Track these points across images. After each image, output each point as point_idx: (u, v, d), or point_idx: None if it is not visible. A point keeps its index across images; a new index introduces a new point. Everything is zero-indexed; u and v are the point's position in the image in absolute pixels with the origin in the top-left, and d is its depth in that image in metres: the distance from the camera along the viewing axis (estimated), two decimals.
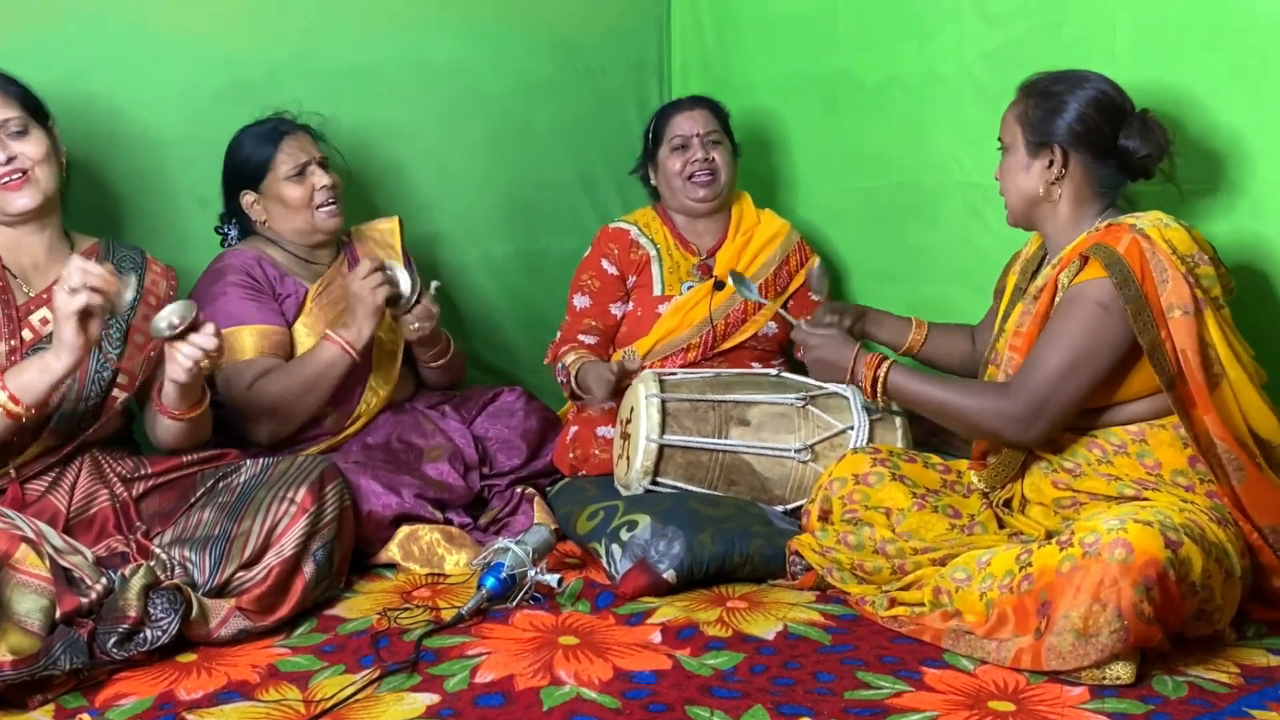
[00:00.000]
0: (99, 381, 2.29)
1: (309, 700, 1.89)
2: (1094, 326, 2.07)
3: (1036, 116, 2.20)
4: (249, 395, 2.59)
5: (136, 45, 2.85)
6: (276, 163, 2.74)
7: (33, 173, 2.28)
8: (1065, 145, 2.18)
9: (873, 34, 3.04)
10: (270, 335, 2.66)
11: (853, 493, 2.34)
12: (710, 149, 2.97)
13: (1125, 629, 1.84)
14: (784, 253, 3.03)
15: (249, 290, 2.67)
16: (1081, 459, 2.17)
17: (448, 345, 2.93)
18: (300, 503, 2.22)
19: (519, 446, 2.85)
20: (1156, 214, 2.13)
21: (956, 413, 2.23)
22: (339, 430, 2.74)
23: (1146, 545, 1.85)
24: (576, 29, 3.45)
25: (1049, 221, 2.25)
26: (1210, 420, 2.01)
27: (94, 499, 2.27)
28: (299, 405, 2.63)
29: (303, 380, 2.61)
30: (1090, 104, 2.17)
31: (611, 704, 1.85)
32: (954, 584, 2.05)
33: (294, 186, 2.73)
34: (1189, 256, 2.07)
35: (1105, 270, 2.06)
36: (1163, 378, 2.04)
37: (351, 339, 2.62)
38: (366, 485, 2.51)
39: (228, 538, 2.18)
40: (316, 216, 2.76)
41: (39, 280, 2.32)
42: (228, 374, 2.61)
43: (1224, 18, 2.30)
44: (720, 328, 2.92)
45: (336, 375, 2.63)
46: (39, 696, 1.89)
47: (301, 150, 2.75)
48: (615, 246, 3.00)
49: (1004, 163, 2.27)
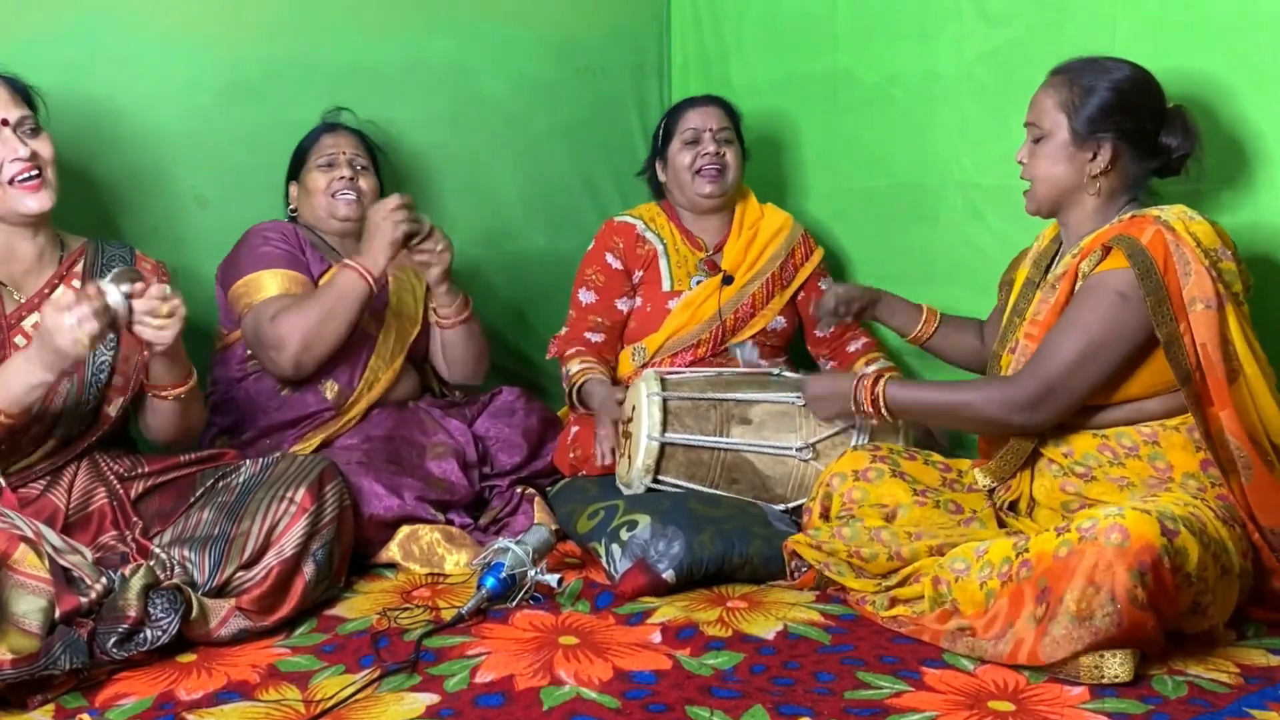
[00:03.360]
0: (95, 385, 2.29)
1: (309, 700, 1.88)
2: (1111, 316, 2.06)
3: (1088, 107, 2.16)
4: (272, 326, 2.64)
5: (136, 45, 2.85)
6: (312, 153, 2.88)
7: (46, 173, 2.28)
8: (1115, 140, 2.16)
9: (873, 34, 3.05)
10: (295, 280, 2.73)
11: (852, 489, 2.34)
12: (721, 145, 2.97)
13: (1119, 613, 1.84)
14: (789, 246, 3.04)
15: (279, 243, 2.77)
16: (1093, 461, 2.16)
17: (466, 301, 2.90)
18: (300, 503, 2.22)
19: (520, 445, 2.85)
20: (1181, 207, 2.12)
21: (962, 409, 2.23)
22: (341, 407, 2.74)
23: (1142, 531, 1.85)
24: (576, 29, 3.45)
25: (1075, 211, 2.22)
26: (1226, 416, 2.01)
27: (92, 497, 2.27)
28: (321, 331, 2.64)
29: (322, 306, 2.64)
30: (1141, 98, 2.16)
31: (611, 704, 1.85)
32: (953, 574, 2.05)
33: (319, 175, 2.86)
34: (1213, 250, 2.06)
35: (1128, 260, 2.05)
36: (1178, 372, 2.03)
37: (368, 265, 2.65)
38: (369, 487, 2.51)
39: (227, 538, 2.18)
40: (333, 203, 2.84)
41: (30, 284, 2.32)
42: (253, 313, 2.68)
43: (1224, 17, 2.30)
44: (729, 322, 2.93)
45: (356, 300, 2.65)
46: (39, 696, 1.88)
47: (337, 145, 2.88)
48: (621, 240, 3.00)
49: (1038, 149, 2.22)
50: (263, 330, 2.65)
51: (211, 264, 2.83)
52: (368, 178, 2.89)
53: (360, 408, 2.77)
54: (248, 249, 2.75)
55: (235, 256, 2.77)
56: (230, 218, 2.94)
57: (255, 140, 3.00)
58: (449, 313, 2.88)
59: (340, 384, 2.75)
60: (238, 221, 2.93)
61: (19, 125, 2.25)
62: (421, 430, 2.77)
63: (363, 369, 2.78)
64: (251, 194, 3.00)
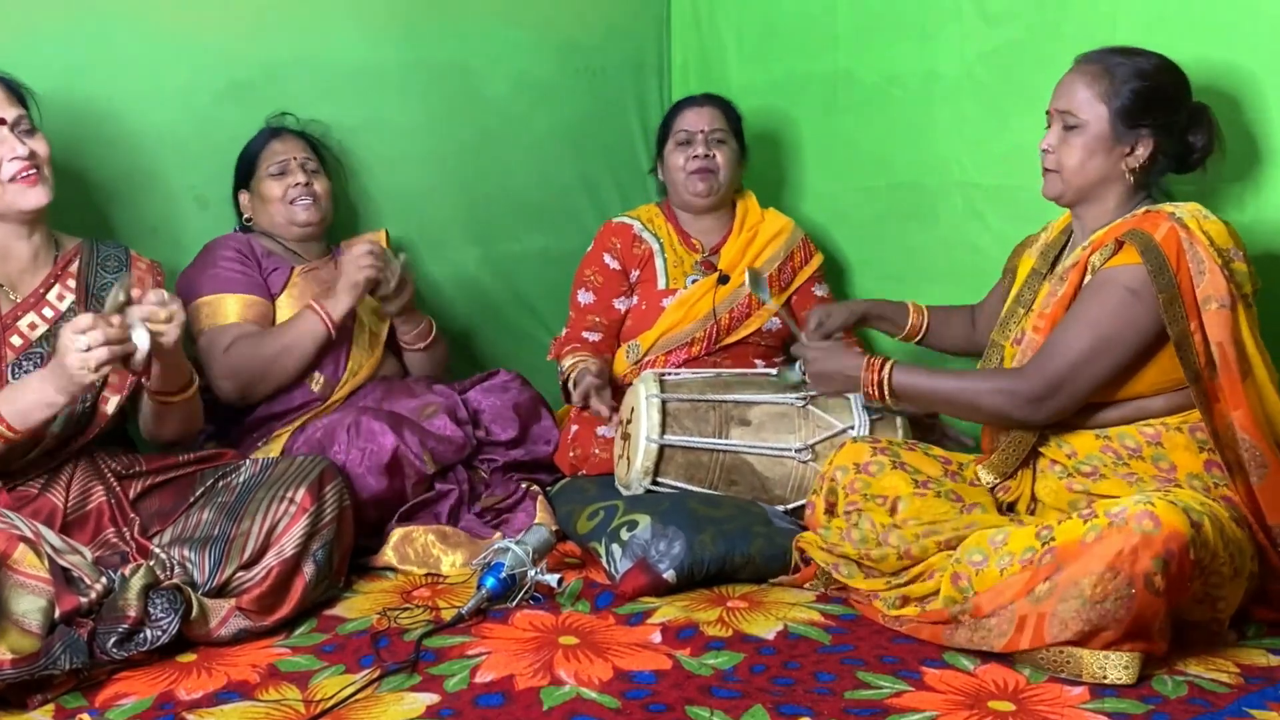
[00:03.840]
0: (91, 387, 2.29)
1: (309, 700, 1.89)
2: (1121, 312, 2.05)
3: (1132, 100, 2.13)
4: (226, 356, 2.67)
5: (136, 45, 2.84)
6: (261, 160, 2.86)
7: (43, 171, 2.28)
8: (1155, 134, 2.14)
9: (873, 34, 3.05)
10: (253, 304, 2.74)
11: (854, 481, 2.32)
12: (713, 146, 2.98)
13: (1132, 598, 1.84)
14: (788, 249, 3.04)
15: (236, 263, 2.77)
16: (1098, 462, 2.15)
17: (429, 327, 2.95)
18: (300, 503, 2.22)
19: (511, 419, 2.85)
20: (1195, 205, 2.10)
21: (967, 398, 2.21)
22: (328, 396, 2.76)
23: (1172, 519, 1.84)
24: (576, 29, 3.45)
25: (1098, 204, 2.20)
26: (1239, 415, 2.00)
27: (90, 495, 2.28)
28: (273, 368, 2.69)
29: (278, 344, 2.69)
30: (1176, 93, 2.15)
31: (611, 704, 1.85)
32: (972, 567, 2.01)
33: (273, 183, 2.84)
34: (1226, 250, 2.05)
35: (1140, 256, 2.04)
36: (1188, 371, 2.02)
37: (330, 309, 2.70)
38: (367, 424, 2.56)
39: (227, 538, 2.18)
40: (291, 210, 2.84)
41: (26, 284, 2.31)
42: (209, 337, 2.69)
43: (1224, 17, 2.30)
44: (724, 322, 2.93)
45: (313, 341, 2.70)
46: (39, 696, 1.88)
47: (286, 150, 2.86)
48: (618, 241, 3.01)
49: (1071, 139, 2.16)
50: (215, 358, 2.67)
51: None
52: (320, 180, 2.90)
53: (346, 390, 2.79)
54: (205, 268, 2.75)
55: (193, 274, 2.76)
56: (230, 218, 2.94)
57: None
58: (410, 339, 2.93)
59: (325, 375, 2.77)
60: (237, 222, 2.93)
61: (16, 125, 2.26)
62: (410, 395, 2.79)
63: (346, 359, 2.80)
64: None
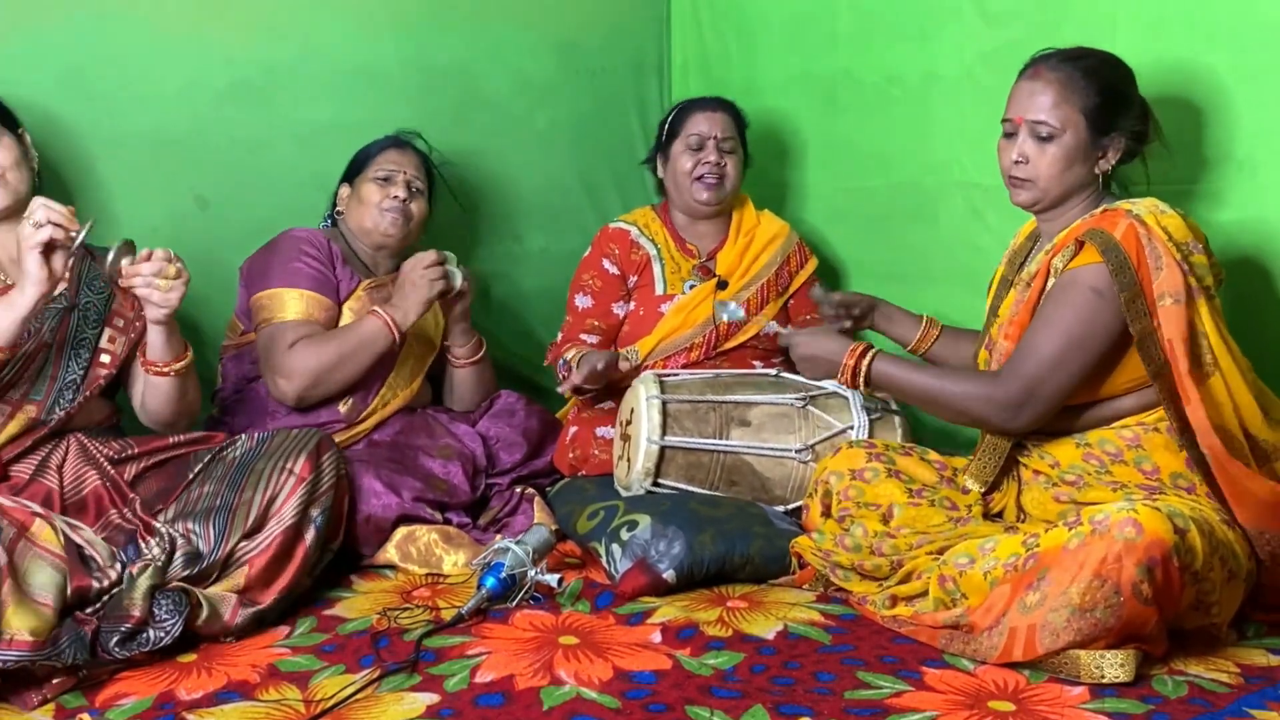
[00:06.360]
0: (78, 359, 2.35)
1: (309, 700, 1.89)
2: (1088, 313, 2.05)
3: (1105, 106, 2.13)
4: (288, 354, 2.64)
5: (136, 45, 2.85)
6: (373, 162, 2.86)
7: (4, 177, 2.36)
8: (1123, 134, 2.15)
9: (873, 34, 3.04)
10: (319, 304, 2.72)
11: (848, 488, 2.33)
12: (724, 155, 2.97)
13: (1121, 605, 1.84)
14: (784, 254, 3.04)
15: (311, 259, 2.74)
16: (1081, 470, 2.15)
17: (480, 343, 2.94)
18: (299, 473, 2.27)
19: (520, 443, 2.86)
20: (1152, 200, 2.11)
21: (943, 399, 2.20)
22: (353, 420, 2.74)
23: (1155, 527, 1.84)
24: (577, 29, 3.45)
25: (1070, 209, 2.20)
26: (1192, 410, 1.99)
27: (84, 480, 2.31)
28: (334, 373, 2.66)
29: (341, 349, 2.65)
30: (1134, 93, 2.16)
31: (611, 704, 1.85)
32: (957, 569, 2.03)
33: (375, 187, 2.83)
34: (1184, 244, 2.05)
35: (1101, 256, 2.04)
36: (1150, 367, 2.03)
37: (398, 319, 2.67)
38: (368, 485, 2.52)
39: (230, 507, 2.22)
40: (381, 219, 2.82)
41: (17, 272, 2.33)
42: (271, 331, 2.67)
43: (1224, 17, 2.30)
44: (723, 327, 2.92)
45: (375, 351, 2.67)
46: (39, 696, 1.89)
47: (400, 162, 2.86)
48: (616, 247, 3.01)
49: (1049, 149, 2.14)
50: (276, 355, 2.65)
51: (212, 264, 2.81)
52: (420, 202, 2.88)
53: (371, 422, 2.76)
54: (281, 259, 2.73)
55: (267, 262, 2.74)
56: (230, 218, 2.94)
57: (255, 141, 3.00)
58: (463, 353, 2.92)
59: (355, 399, 2.75)
60: (237, 222, 2.93)
61: None
62: (429, 434, 2.77)
63: (379, 387, 2.78)
64: (251, 195, 3.00)
